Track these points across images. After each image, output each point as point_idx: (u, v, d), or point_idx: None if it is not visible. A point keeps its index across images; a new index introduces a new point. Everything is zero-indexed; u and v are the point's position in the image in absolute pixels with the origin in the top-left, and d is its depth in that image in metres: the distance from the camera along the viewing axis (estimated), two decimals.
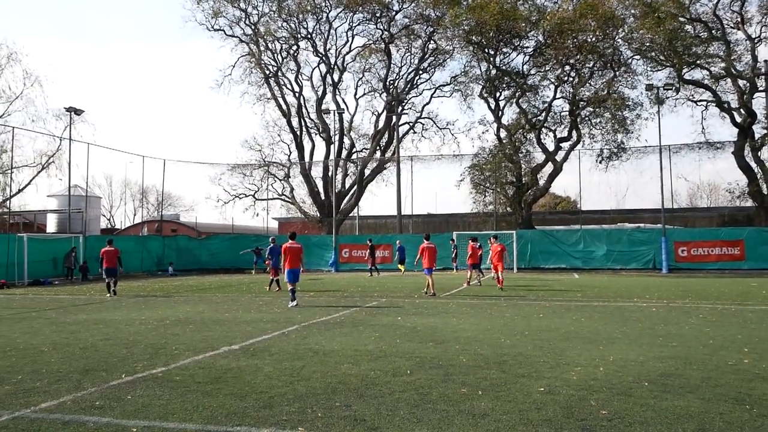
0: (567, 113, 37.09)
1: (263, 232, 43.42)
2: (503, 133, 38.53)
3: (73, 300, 18.18)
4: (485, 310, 13.96)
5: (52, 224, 43.87)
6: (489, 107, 38.82)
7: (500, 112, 38.61)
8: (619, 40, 34.72)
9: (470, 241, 22.26)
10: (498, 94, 38.53)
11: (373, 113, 45.99)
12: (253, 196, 44.59)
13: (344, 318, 12.66)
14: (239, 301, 17.00)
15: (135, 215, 70.73)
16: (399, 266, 30.61)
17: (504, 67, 38.12)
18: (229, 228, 45.74)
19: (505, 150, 37.13)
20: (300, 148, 44.65)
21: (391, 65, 43.80)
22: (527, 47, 37.66)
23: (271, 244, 21.51)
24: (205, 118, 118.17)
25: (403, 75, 44.45)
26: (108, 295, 19.16)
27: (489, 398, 6.03)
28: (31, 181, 37.50)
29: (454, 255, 30.78)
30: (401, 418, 5.40)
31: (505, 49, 37.94)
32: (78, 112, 33.21)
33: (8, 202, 35.43)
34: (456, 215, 46.57)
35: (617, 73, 35.25)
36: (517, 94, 37.66)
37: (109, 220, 70.95)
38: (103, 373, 7.33)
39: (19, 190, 37.09)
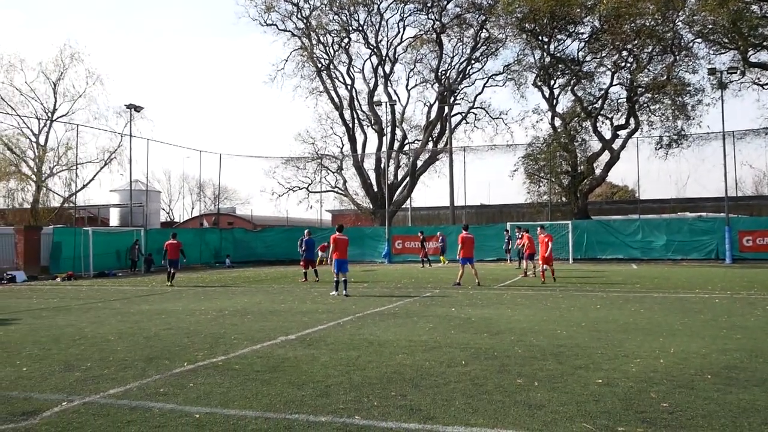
0: (624, 100, 36.03)
1: (317, 224, 43.95)
2: (558, 122, 37.79)
3: (136, 291, 18.86)
4: (540, 301, 13.77)
5: (115, 218, 45.54)
6: (543, 96, 38.12)
7: (555, 101, 37.85)
8: (680, 23, 33.41)
9: (534, 231, 21.86)
10: (552, 82, 37.76)
11: (425, 104, 45.91)
12: (307, 188, 45.17)
13: (398, 309, 12.70)
14: (294, 292, 17.27)
15: (193, 209, 72.84)
16: (440, 258, 30.50)
17: (558, 55, 37.31)
18: (284, 220, 46.48)
19: (560, 139, 36.39)
20: (352, 140, 44.92)
21: (443, 55, 43.53)
22: (582, 33, 36.76)
23: (306, 237, 21.64)
24: (260, 113, 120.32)
25: (455, 65, 44.12)
26: (168, 284, 19.96)
27: (545, 389, 5.97)
28: (94, 176, 38.97)
29: (507, 246, 30.40)
30: (457, 408, 5.39)
31: (559, 36, 37.12)
32: (137, 108, 34.31)
33: (74, 197, 36.94)
34: (510, 206, 46.02)
35: (677, 57, 33.95)
36: (572, 81, 36.81)
37: (168, 213, 73.18)
38: (166, 362, 7.58)
39: (84, 186, 38.61)
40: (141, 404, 5.69)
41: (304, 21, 43.81)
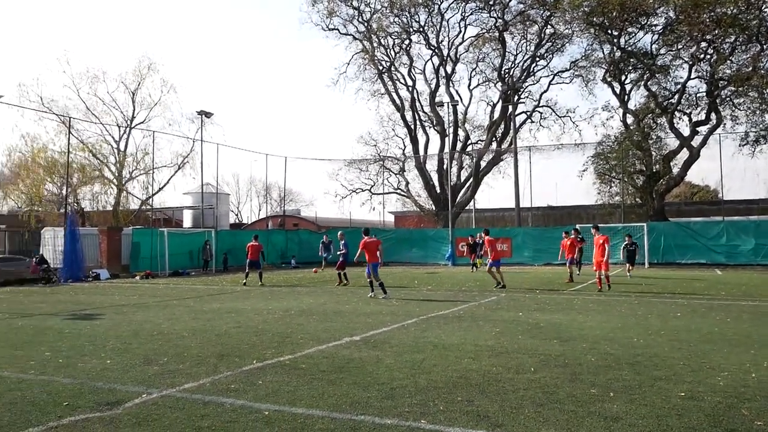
0: (704, 94, 34.26)
1: (380, 226, 44.17)
2: (630, 119, 36.54)
3: (207, 290, 19.48)
4: (614, 307, 13.32)
5: (188, 220, 47.16)
6: (613, 92, 36.96)
7: (626, 97, 36.61)
8: (767, 9, 31.51)
9: (565, 234, 21.05)
10: (623, 78, 36.52)
11: (488, 104, 45.37)
12: (370, 190, 45.48)
13: (463, 312, 12.61)
14: (358, 293, 17.41)
15: (260, 210, 74.63)
16: (477, 261, 29.82)
17: (630, 48, 36.04)
18: (347, 222, 46.96)
19: (633, 137, 35.12)
20: (414, 141, 44.90)
21: (506, 53, 42.87)
22: (656, 25, 35.30)
23: (341, 240, 21.73)
24: (323, 116, 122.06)
25: (518, 63, 43.39)
26: (245, 282, 20.64)
27: (622, 401, 5.74)
28: (169, 180, 40.60)
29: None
30: (526, 416, 5.29)
31: (630, 29, 35.85)
32: (208, 115, 35.45)
33: (151, 199, 38.53)
34: (579, 207, 44.85)
35: (765, 46, 31.91)
36: (645, 76, 35.48)
37: (237, 215, 75.22)
38: (236, 359, 7.79)
39: (160, 189, 40.25)
40: (213, 399, 5.87)
41: (365, 24, 44.13)
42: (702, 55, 33.88)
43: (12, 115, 57.31)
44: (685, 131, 34.57)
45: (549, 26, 40.73)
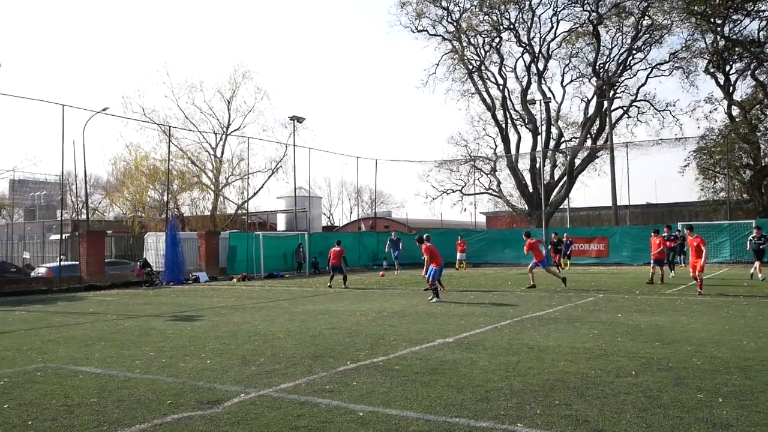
0: None
1: (471, 227, 43.78)
2: (736, 111, 34.30)
3: (301, 292, 19.98)
4: (721, 308, 12.51)
5: (281, 223, 48.72)
6: (717, 83, 34.89)
7: (731, 88, 34.43)
8: None
9: (654, 233, 19.63)
10: (728, 68, 34.37)
11: (582, 100, 44.04)
12: (461, 191, 45.18)
13: (559, 314, 12.22)
14: (450, 294, 17.28)
15: (351, 213, 75.86)
16: (565, 262, 28.56)
17: (735, 37, 33.86)
18: (438, 223, 46.84)
19: (739, 129, 32.94)
20: (506, 141, 44.20)
21: (601, 48, 41.46)
22: (764, 11, 33.02)
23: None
24: (413, 117, 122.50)
25: (614, 57, 41.85)
26: (329, 285, 20.99)
27: (732, 407, 5.37)
28: (263, 184, 41.96)
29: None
30: (628, 422, 5.03)
31: (735, 16, 33.72)
32: (300, 120, 36.44)
33: (246, 204, 40.05)
34: (680, 204, 42.58)
35: None
36: (752, 65, 33.24)
37: (329, 218, 76.84)
38: (330, 360, 7.91)
39: (254, 194, 41.72)
40: (309, 399, 5.97)
41: (454, 24, 43.94)
42: None
43: (117, 125, 61.31)
44: None
45: (646, 17, 39.02)
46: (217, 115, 41.44)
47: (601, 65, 41.99)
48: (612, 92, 40.83)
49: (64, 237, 31.85)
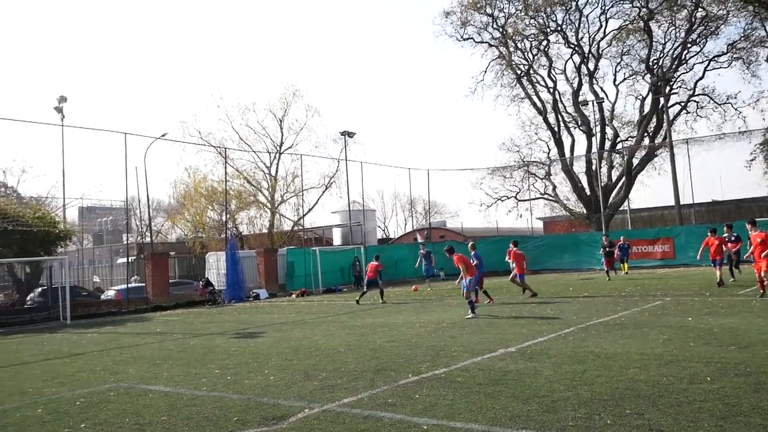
0: None
1: (528, 233, 43.05)
2: None
3: (360, 305, 20.02)
4: None
5: (337, 237, 49.11)
6: None
7: None
8: None
9: (711, 233, 18.56)
10: None
11: (636, 98, 42.84)
12: (515, 197, 44.57)
13: (625, 319, 11.84)
14: (509, 303, 17.02)
15: (406, 224, 75.69)
16: (622, 266, 27.29)
17: None
18: (494, 231, 46.28)
19: None
20: (559, 144, 43.42)
21: (653, 43, 40.31)
22: None
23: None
24: (462, 126, 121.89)
25: (668, 52, 40.61)
26: (357, 301, 20.39)
27: None
28: (317, 200, 42.41)
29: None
30: (706, 431, 4.80)
31: None
32: (351, 134, 36.78)
33: (302, 220, 40.63)
34: (748, 200, 40.76)
35: None
36: None
37: (383, 230, 77.03)
38: (392, 373, 7.88)
39: (309, 209, 42.26)
40: (372, 413, 5.95)
41: (500, 30, 43.59)
42: None
43: (176, 150, 63.37)
44: None
45: (700, 9, 37.71)
46: (270, 135, 42.23)
47: (655, 61, 40.85)
48: (668, 88, 39.55)
49: (130, 260, 32.99)
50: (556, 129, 43.45)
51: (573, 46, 42.29)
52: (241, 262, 27.75)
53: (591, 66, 42.38)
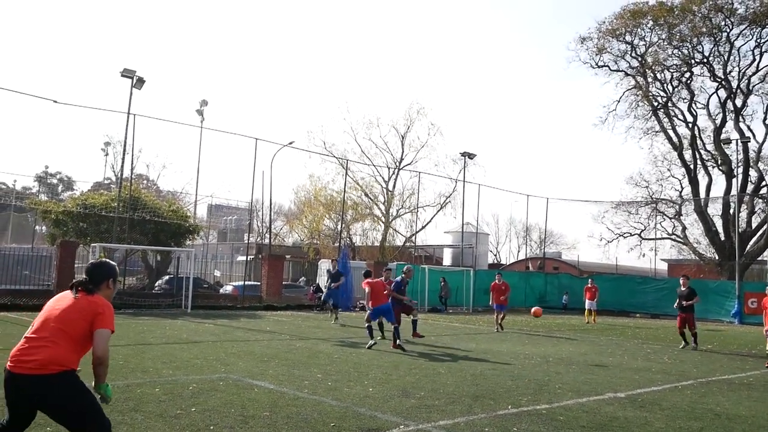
0: None
1: (650, 274, 40.66)
2: None
3: (464, 328, 19.81)
4: None
5: (447, 257, 48.92)
6: None
7: None
8: None
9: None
10: None
11: None
12: (639, 235, 42.26)
13: (753, 378, 10.84)
14: (624, 345, 16.12)
15: (518, 251, 73.97)
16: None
17: None
18: (613, 268, 44.15)
19: None
20: (694, 183, 40.70)
21: None
22: None
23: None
24: (588, 156, 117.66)
25: None
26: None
27: None
28: (431, 219, 42.61)
29: None
30: None
31: None
32: (471, 156, 36.62)
33: (414, 237, 40.86)
34: None
35: None
36: None
37: (495, 255, 75.76)
38: (491, 401, 7.70)
39: (423, 227, 42.50)
40: None
41: (639, 59, 41.75)
42: None
43: (301, 158, 65.78)
44: None
45: None
46: (391, 150, 42.95)
47: None
48: None
49: (249, 258, 34.69)
50: (691, 167, 40.81)
51: (719, 80, 39.66)
52: (351, 271, 28.33)
53: (738, 102, 39.53)
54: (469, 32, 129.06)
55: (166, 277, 29.10)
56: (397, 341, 12.81)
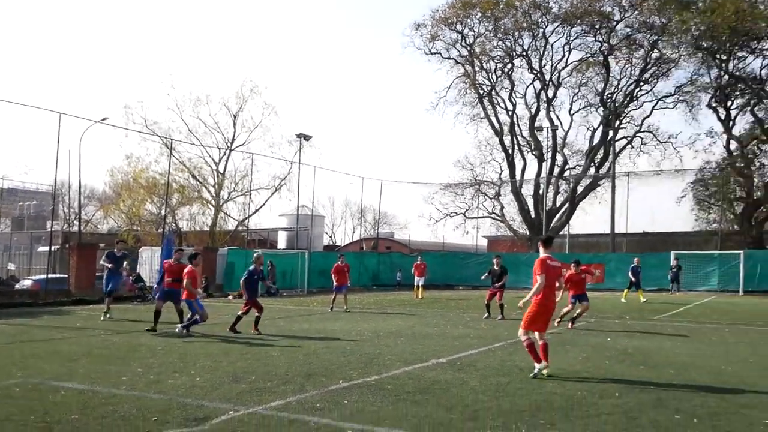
0: None
1: (472, 250, 43.82)
2: (734, 145, 34.77)
3: (297, 310, 19.99)
4: (705, 335, 13.02)
5: (282, 241, 48.67)
6: (718, 117, 35.41)
7: (731, 123, 34.90)
8: None
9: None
10: (729, 103, 34.86)
11: (588, 129, 44.44)
12: (464, 214, 45.33)
13: (552, 337, 12.24)
14: (447, 316, 17.34)
15: (354, 233, 75.79)
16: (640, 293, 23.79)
17: (738, 73, 34.43)
18: (440, 245, 46.89)
19: (736, 163, 33.35)
20: (511, 166, 44.49)
21: (609, 78, 42.05)
22: (767, 49, 33.59)
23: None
24: (420, 140, 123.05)
25: (621, 87, 42.39)
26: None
27: (704, 427, 5.64)
28: (266, 202, 41.21)
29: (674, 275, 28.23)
30: None
31: (740, 54, 34.32)
32: (307, 138, 36.54)
33: (247, 220, 39.92)
34: (675, 234, 42.64)
35: None
36: (752, 101, 33.75)
37: (330, 237, 76.83)
38: (323, 378, 7.96)
39: (256, 210, 41.16)
40: (299, 417, 6.02)
41: (468, 48, 44.40)
42: None
43: (117, 136, 60.57)
44: None
45: (655, 50, 39.61)
46: (222, 130, 40.51)
47: (609, 95, 42.48)
48: (617, 122, 41.25)
49: (54, 249, 31.21)
50: (510, 151, 44.53)
51: (536, 72, 43.53)
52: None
53: (550, 93, 43.77)
54: (306, 11, 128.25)
55: None
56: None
